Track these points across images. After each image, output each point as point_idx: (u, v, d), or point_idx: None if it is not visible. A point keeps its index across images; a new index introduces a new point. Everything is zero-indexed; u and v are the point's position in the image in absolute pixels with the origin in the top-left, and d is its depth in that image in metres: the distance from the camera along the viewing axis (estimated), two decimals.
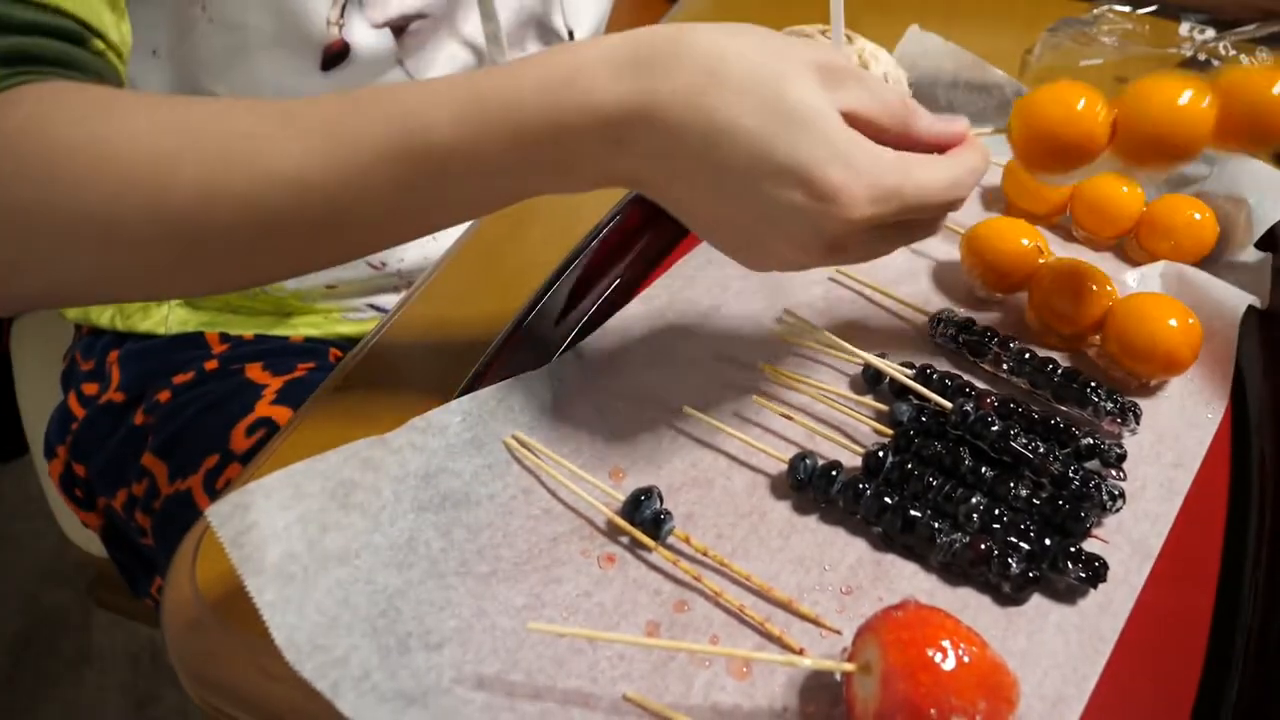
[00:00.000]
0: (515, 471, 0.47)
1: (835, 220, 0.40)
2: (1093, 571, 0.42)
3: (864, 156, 0.40)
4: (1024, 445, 0.46)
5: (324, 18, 0.61)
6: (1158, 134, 0.44)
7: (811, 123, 0.39)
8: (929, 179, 0.41)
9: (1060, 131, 0.45)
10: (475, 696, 0.39)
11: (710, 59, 0.40)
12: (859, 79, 0.42)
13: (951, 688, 0.34)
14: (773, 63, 0.40)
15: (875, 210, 0.40)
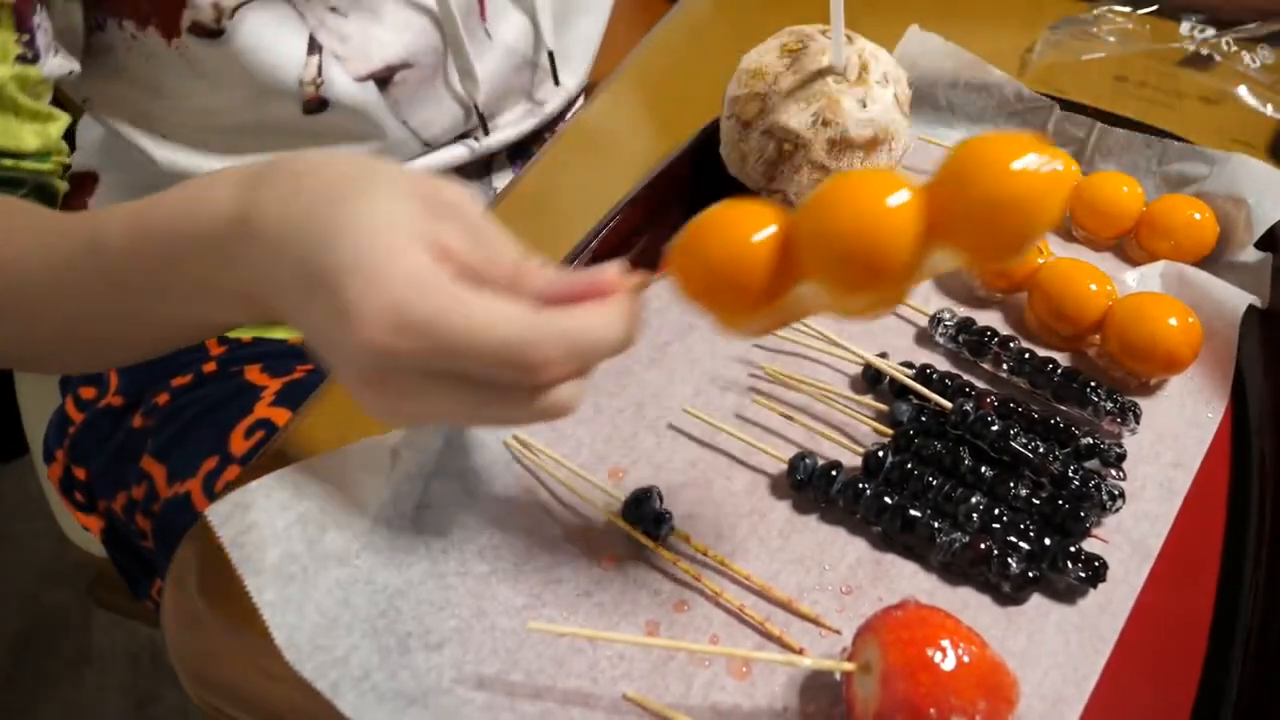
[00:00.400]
0: (515, 471, 0.47)
1: (350, 344, 0.34)
2: (1092, 571, 0.42)
3: (402, 278, 0.33)
4: (1024, 445, 0.46)
5: (296, 79, 0.61)
6: (843, 253, 0.34)
7: (361, 230, 0.34)
8: (488, 328, 0.33)
9: (721, 268, 0.36)
10: (475, 696, 0.39)
11: (310, 171, 0.37)
12: (469, 224, 0.36)
13: (951, 687, 0.34)
14: (364, 177, 0.36)
15: (399, 342, 0.33)
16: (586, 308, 0.35)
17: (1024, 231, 0.33)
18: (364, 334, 0.33)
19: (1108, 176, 0.58)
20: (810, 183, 0.57)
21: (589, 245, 0.56)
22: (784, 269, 0.35)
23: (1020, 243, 0.33)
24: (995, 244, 0.33)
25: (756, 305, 0.36)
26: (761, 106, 0.57)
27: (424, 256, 0.34)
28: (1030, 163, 0.32)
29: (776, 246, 0.35)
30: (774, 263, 0.35)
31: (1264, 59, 0.72)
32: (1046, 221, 0.33)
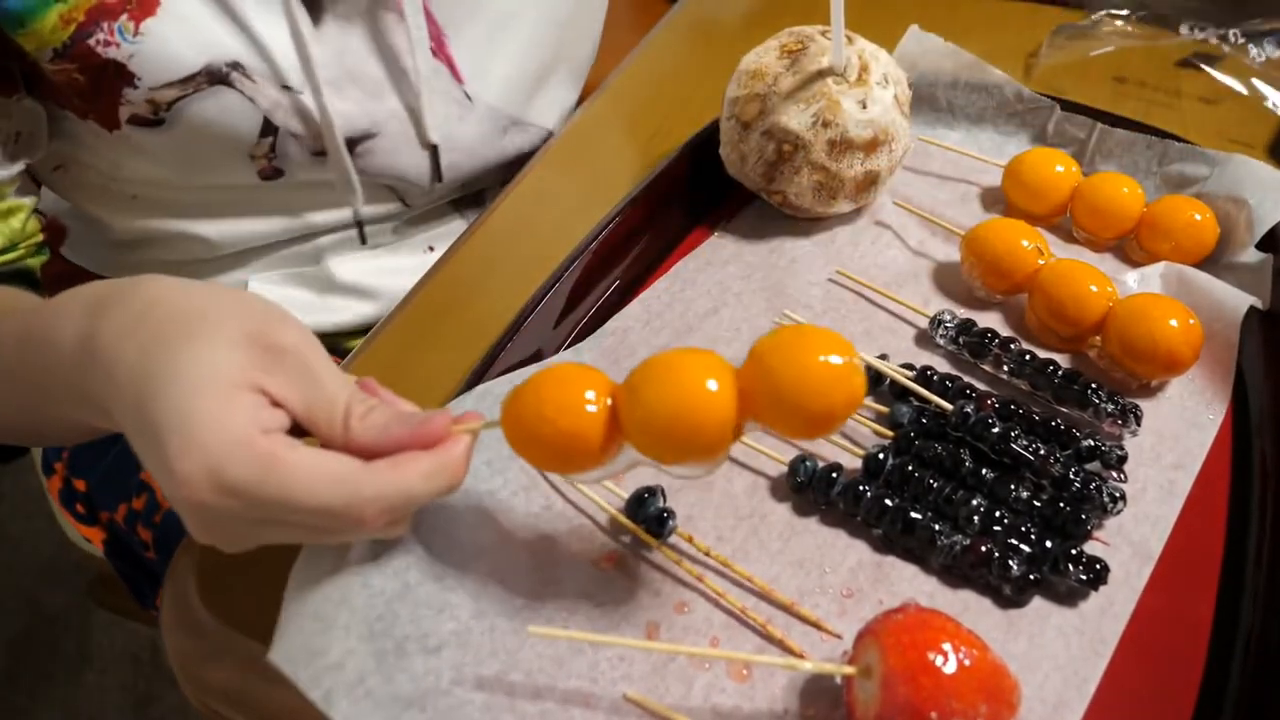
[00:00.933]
0: (515, 469, 0.47)
1: (173, 497, 0.35)
2: (1094, 574, 0.42)
3: (218, 442, 0.33)
4: (1024, 447, 0.46)
5: (246, 155, 0.61)
6: (662, 425, 0.36)
7: (184, 386, 0.34)
8: (305, 491, 0.34)
9: (548, 434, 0.37)
10: (475, 697, 0.39)
11: (151, 304, 0.37)
12: (300, 369, 0.36)
13: (952, 691, 0.34)
14: (196, 319, 0.36)
15: (218, 501, 0.34)
16: (408, 464, 0.36)
17: (819, 419, 0.36)
18: (183, 492, 0.34)
19: (1108, 177, 0.58)
20: (810, 184, 0.57)
21: (589, 246, 0.56)
22: (610, 435, 0.37)
23: (817, 427, 0.37)
24: (796, 426, 0.37)
25: (583, 466, 0.38)
26: (761, 107, 0.57)
27: (242, 417, 0.34)
28: (822, 359, 0.35)
29: (602, 419, 0.37)
30: (600, 432, 0.37)
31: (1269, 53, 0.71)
32: (838, 410, 0.36)
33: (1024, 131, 0.65)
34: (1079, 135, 0.63)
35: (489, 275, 0.61)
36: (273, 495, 0.34)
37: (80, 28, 0.52)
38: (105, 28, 0.53)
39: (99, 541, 0.76)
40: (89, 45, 0.53)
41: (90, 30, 0.52)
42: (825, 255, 0.59)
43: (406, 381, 0.54)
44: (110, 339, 0.36)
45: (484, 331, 0.53)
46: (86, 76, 0.54)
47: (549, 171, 0.68)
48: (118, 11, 0.53)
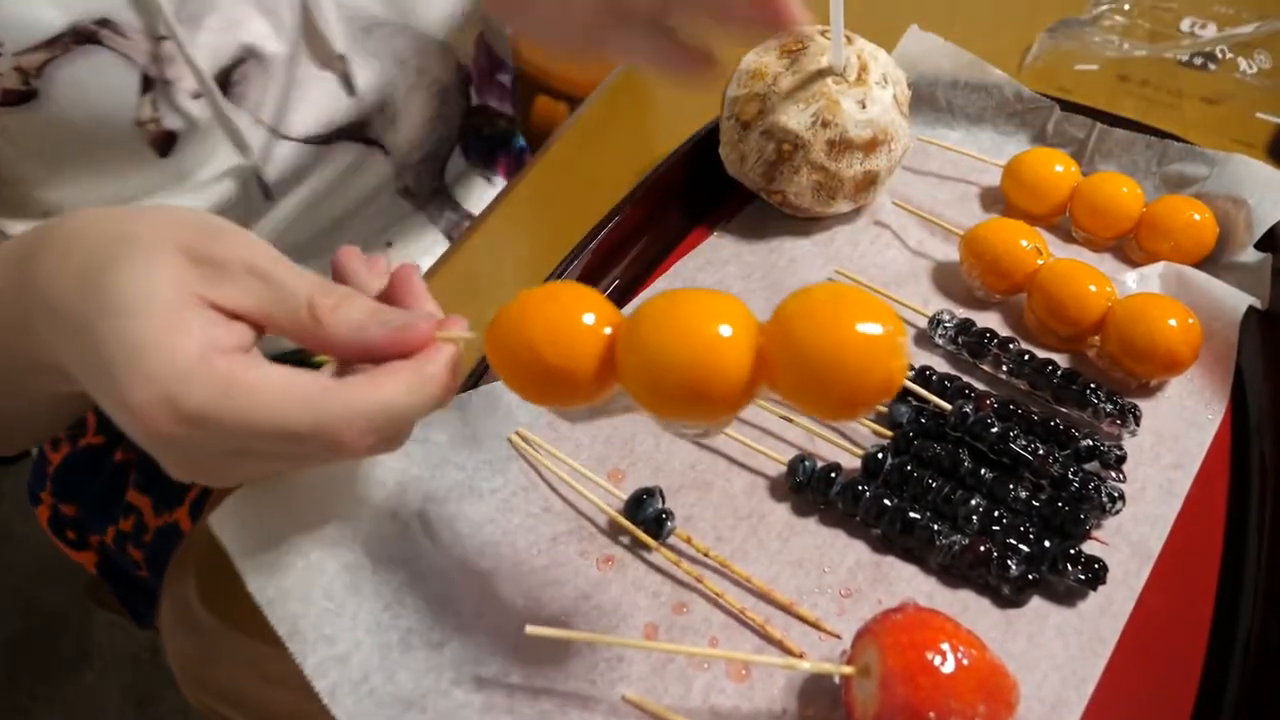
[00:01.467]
0: (516, 468, 0.47)
1: (135, 434, 0.32)
2: (1092, 574, 0.42)
3: (169, 369, 0.31)
4: (1023, 447, 0.46)
5: (132, 121, 0.56)
6: (661, 374, 0.31)
7: (124, 312, 0.31)
8: (272, 414, 0.31)
9: (533, 359, 0.33)
10: (474, 698, 0.39)
11: (76, 234, 0.34)
12: (251, 269, 0.33)
13: (951, 691, 0.34)
14: (127, 237, 0.33)
15: (181, 431, 0.31)
16: (388, 377, 0.33)
17: (846, 399, 0.31)
18: (143, 428, 0.31)
19: (1107, 177, 0.58)
20: (810, 183, 0.57)
21: (588, 245, 0.56)
22: (603, 374, 0.33)
23: (843, 408, 0.32)
24: (819, 403, 0.32)
25: (568, 402, 0.34)
26: (761, 107, 0.57)
27: (193, 337, 0.31)
28: (861, 328, 0.30)
29: (595, 356, 0.33)
30: (591, 370, 0.33)
31: (1260, 64, 0.71)
32: (869, 392, 0.31)
33: (1023, 131, 0.65)
34: (1078, 135, 0.63)
35: (488, 276, 0.61)
36: (236, 420, 0.31)
37: None
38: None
39: (91, 565, 0.76)
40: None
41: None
42: (825, 255, 0.59)
43: None
44: (43, 286, 0.34)
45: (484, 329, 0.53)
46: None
47: (548, 171, 0.68)
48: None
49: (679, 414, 0.33)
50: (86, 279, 0.32)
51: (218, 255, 0.33)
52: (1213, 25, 0.75)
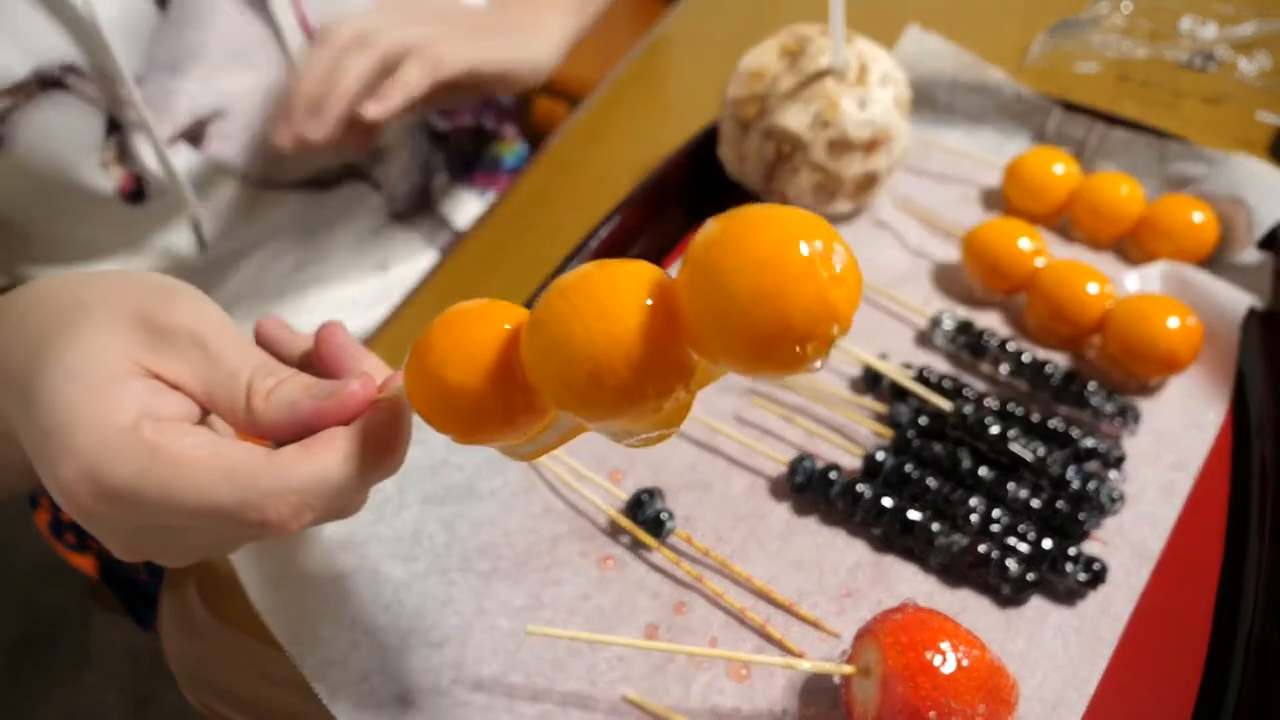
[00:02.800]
0: (515, 468, 0.47)
1: (72, 512, 0.30)
2: (1092, 574, 0.42)
3: (94, 442, 0.29)
4: (1023, 447, 0.46)
5: (98, 164, 0.54)
6: (561, 365, 0.26)
7: (63, 377, 0.30)
8: (196, 491, 0.29)
9: (437, 386, 0.29)
10: (474, 698, 0.39)
11: (36, 301, 0.33)
12: (196, 344, 0.31)
13: (951, 691, 0.34)
14: (77, 306, 0.32)
15: (104, 509, 0.29)
16: (323, 446, 0.30)
17: (767, 336, 0.24)
18: (68, 501, 0.29)
19: (1108, 177, 0.58)
20: (810, 184, 0.57)
21: (588, 246, 0.56)
22: (512, 388, 0.28)
23: (769, 349, 0.25)
24: (743, 349, 0.25)
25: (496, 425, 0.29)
26: (761, 107, 0.57)
27: (125, 406, 0.29)
28: (773, 245, 0.24)
29: (507, 355, 0.28)
30: (495, 385, 0.28)
31: (1261, 64, 0.71)
32: (794, 318, 0.24)
33: (1023, 131, 0.65)
34: (1078, 135, 0.63)
35: (488, 277, 0.61)
36: (154, 495, 0.29)
37: None
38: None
39: (92, 570, 0.76)
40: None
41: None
42: None
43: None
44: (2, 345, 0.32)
45: None
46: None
47: (548, 171, 0.68)
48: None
49: (601, 412, 0.27)
50: (34, 345, 0.31)
51: (166, 323, 0.31)
52: (1213, 25, 0.75)
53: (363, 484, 0.31)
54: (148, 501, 0.29)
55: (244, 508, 0.29)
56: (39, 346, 0.31)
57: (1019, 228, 0.55)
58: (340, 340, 0.35)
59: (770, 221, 0.25)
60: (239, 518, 0.29)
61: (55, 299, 0.33)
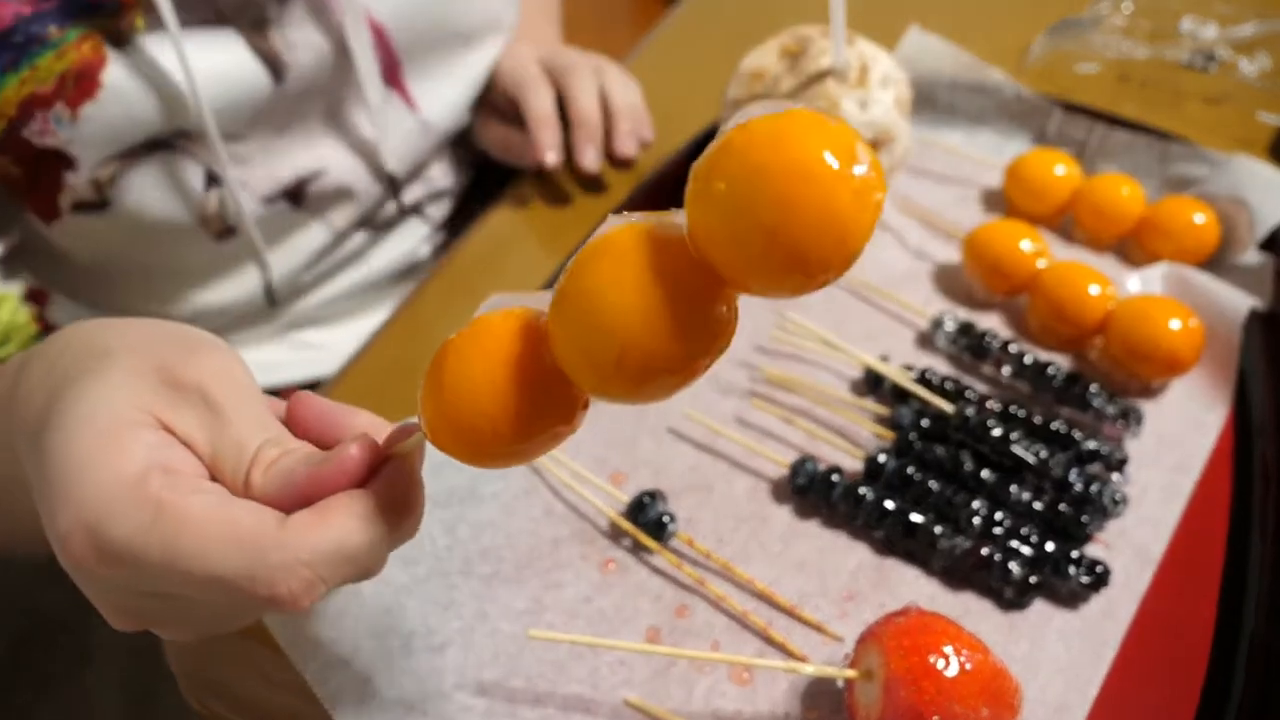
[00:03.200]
0: (517, 471, 0.47)
1: (70, 568, 0.29)
2: (1095, 576, 0.42)
3: (96, 494, 0.27)
4: (1025, 449, 0.46)
5: (197, 216, 0.56)
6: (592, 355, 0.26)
7: (74, 424, 0.29)
8: (199, 558, 0.27)
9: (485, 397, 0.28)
10: (476, 703, 0.39)
11: (65, 347, 0.32)
12: (211, 404, 0.30)
13: (954, 694, 0.34)
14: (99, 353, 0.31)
15: (101, 567, 0.28)
16: (338, 509, 0.28)
17: (801, 242, 0.23)
18: (65, 554, 0.28)
19: (1109, 178, 0.58)
20: None
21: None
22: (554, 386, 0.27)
23: (800, 260, 0.23)
24: (764, 260, 0.24)
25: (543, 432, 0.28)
26: None
27: (133, 456, 0.28)
28: (813, 153, 0.23)
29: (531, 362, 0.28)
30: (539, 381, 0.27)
31: (1261, 64, 0.71)
32: (850, 223, 0.23)
33: (1024, 132, 0.65)
34: (1079, 136, 0.63)
35: (489, 277, 0.61)
36: (155, 557, 0.27)
37: (12, 122, 0.48)
38: (39, 118, 0.48)
39: None
40: (23, 137, 0.48)
41: (23, 123, 0.48)
42: None
43: (404, 384, 0.54)
44: (22, 400, 0.32)
45: None
46: (23, 168, 0.50)
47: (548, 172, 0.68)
48: (52, 100, 0.48)
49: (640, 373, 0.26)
50: (54, 392, 0.30)
51: (185, 378, 0.30)
52: (1213, 25, 0.75)
53: (382, 549, 0.29)
54: (148, 563, 0.27)
55: (251, 581, 0.27)
56: (57, 392, 0.30)
57: (1020, 229, 0.55)
58: (318, 408, 0.33)
59: (784, 134, 0.24)
60: (246, 591, 0.27)
61: (81, 345, 0.32)
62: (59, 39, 0.47)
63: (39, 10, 0.46)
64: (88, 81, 0.48)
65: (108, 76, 0.49)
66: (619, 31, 0.81)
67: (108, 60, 0.49)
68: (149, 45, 0.50)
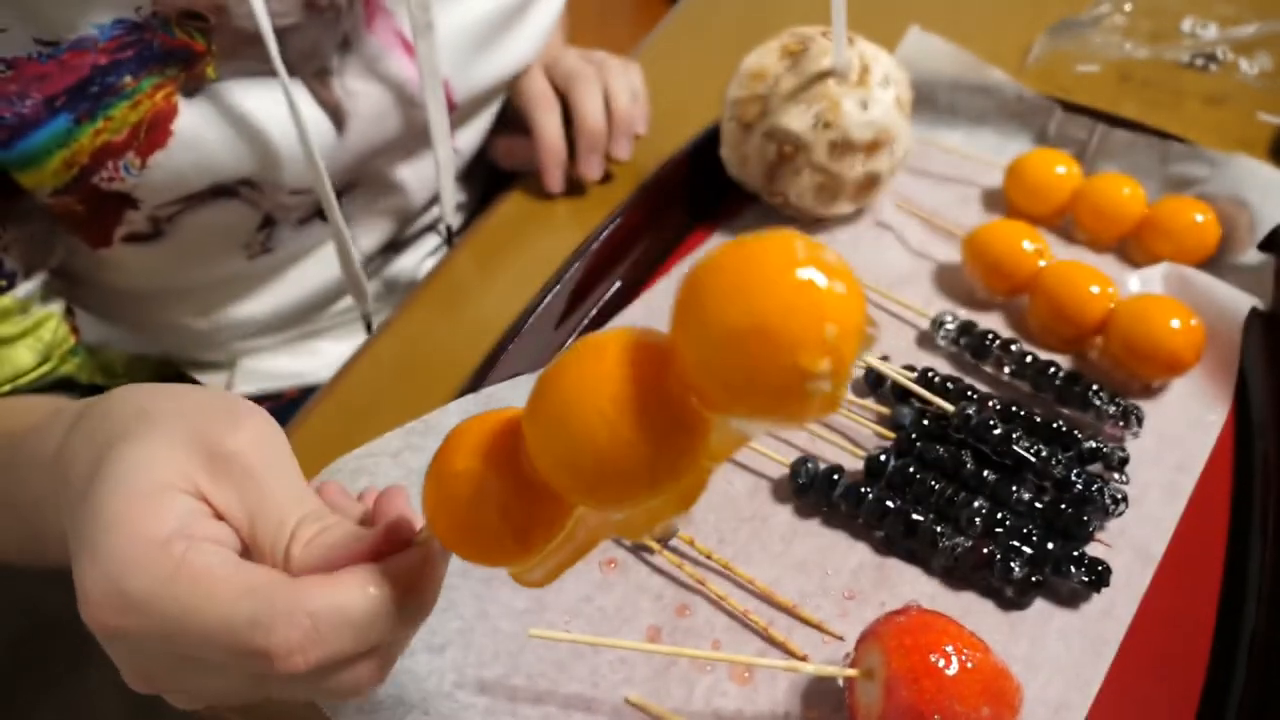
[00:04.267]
0: None
1: (93, 625, 0.29)
2: (1095, 576, 0.42)
3: (121, 550, 0.28)
4: (1026, 448, 0.46)
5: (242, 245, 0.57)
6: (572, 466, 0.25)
7: (109, 485, 0.29)
8: (205, 607, 0.27)
9: (465, 487, 0.28)
10: (477, 701, 0.39)
11: (107, 409, 0.33)
12: (248, 482, 0.30)
13: (955, 693, 0.34)
14: (144, 417, 0.31)
15: (123, 622, 0.28)
16: (349, 573, 0.29)
17: (773, 366, 0.22)
18: (87, 608, 0.28)
19: (1109, 178, 0.58)
20: (811, 185, 0.57)
21: (590, 248, 0.56)
22: (534, 496, 0.27)
23: (778, 395, 0.22)
24: (747, 394, 0.23)
25: (525, 547, 0.28)
26: (762, 108, 0.57)
27: (162, 519, 0.28)
28: (772, 273, 0.22)
29: (508, 470, 0.27)
30: (513, 491, 0.27)
31: (1262, 65, 0.71)
32: (807, 349, 0.22)
33: (1025, 132, 0.65)
34: (1080, 136, 0.63)
35: (490, 277, 0.61)
36: (170, 609, 0.27)
37: (83, 169, 0.48)
38: (110, 165, 0.48)
39: None
40: (92, 183, 0.48)
41: (94, 170, 0.48)
42: None
43: (406, 386, 0.54)
44: (67, 459, 0.32)
45: (485, 333, 0.53)
46: (85, 206, 0.50)
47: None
48: (124, 149, 0.48)
49: (614, 502, 0.26)
50: (98, 452, 0.31)
51: (225, 448, 0.30)
52: (1214, 26, 0.75)
53: (383, 623, 0.29)
54: (163, 615, 0.28)
55: (253, 626, 0.27)
56: (101, 452, 0.30)
57: (1020, 229, 0.55)
58: (399, 504, 0.33)
59: (755, 251, 0.23)
60: (246, 639, 0.27)
61: (128, 409, 0.32)
62: (133, 89, 0.47)
63: (115, 60, 0.46)
64: (160, 131, 0.48)
65: (179, 125, 0.49)
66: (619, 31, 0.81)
67: (179, 110, 0.49)
68: (220, 94, 0.50)
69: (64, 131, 0.46)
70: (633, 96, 0.65)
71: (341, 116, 0.55)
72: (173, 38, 0.47)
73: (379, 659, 0.30)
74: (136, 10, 0.45)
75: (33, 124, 0.45)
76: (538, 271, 0.56)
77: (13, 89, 0.44)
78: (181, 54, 0.48)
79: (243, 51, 0.49)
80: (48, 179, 0.48)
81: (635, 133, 0.65)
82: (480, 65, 0.61)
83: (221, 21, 0.48)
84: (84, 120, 0.46)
